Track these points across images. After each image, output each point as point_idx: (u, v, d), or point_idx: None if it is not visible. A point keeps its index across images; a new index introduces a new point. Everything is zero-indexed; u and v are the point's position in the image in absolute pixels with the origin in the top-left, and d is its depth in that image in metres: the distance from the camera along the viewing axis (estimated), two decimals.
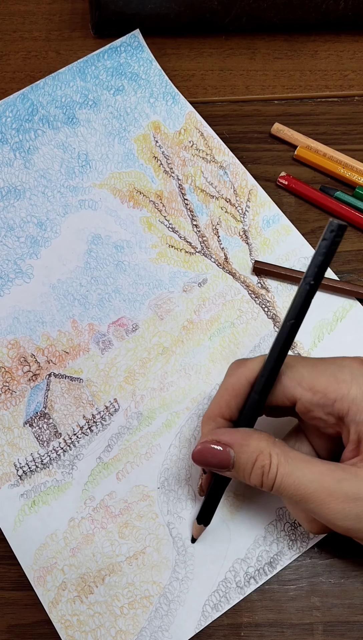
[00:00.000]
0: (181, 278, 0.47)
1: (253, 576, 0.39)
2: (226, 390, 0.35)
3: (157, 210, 0.48)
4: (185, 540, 0.40)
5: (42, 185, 0.49)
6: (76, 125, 0.50)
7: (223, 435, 0.34)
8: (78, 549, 0.40)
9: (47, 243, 0.47)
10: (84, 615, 0.39)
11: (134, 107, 0.51)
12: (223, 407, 0.35)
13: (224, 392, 0.36)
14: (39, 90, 0.51)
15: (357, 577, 0.40)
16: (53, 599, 0.39)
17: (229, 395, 0.35)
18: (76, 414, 0.43)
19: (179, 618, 0.38)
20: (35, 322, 0.45)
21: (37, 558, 0.40)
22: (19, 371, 0.44)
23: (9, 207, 0.48)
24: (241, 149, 0.50)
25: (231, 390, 0.35)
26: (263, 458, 0.33)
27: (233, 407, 0.35)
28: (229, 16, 0.52)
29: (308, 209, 0.49)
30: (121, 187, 0.49)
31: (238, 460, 0.34)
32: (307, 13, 0.53)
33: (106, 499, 0.41)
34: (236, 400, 0.35)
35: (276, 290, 0.46)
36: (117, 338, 0.45)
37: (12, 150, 0.49)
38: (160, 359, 0.44)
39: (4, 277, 0.46)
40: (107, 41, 0.53)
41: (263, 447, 0.33)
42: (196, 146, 0.50)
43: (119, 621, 0.38)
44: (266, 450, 0.33)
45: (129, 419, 0.43)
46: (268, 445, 0.33)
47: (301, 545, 0.40)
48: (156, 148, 0.50)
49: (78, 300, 0.46)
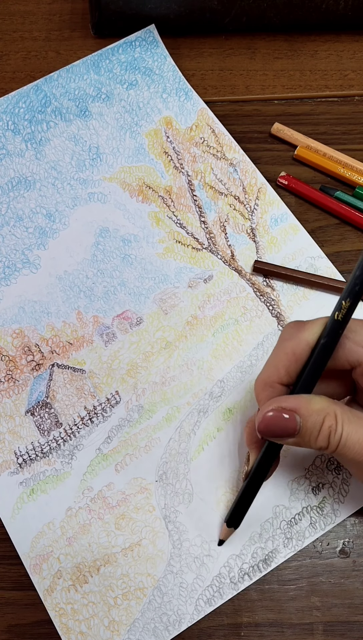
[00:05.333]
0: (186, 274, 0.47)
1: (247, 572, 0.39)
2: (285, 355, 0.34)
3: (165, 205, 0.49)
4: (181, 534, 0.40)
5: (53, 176, 0.49)
6: (88, 118, 0.51)
7: (287, 402, 0.33)
8: (74, 538, 0.40)
9: (55, 234, 0.48)
10: (78, 604, 0.39)
11: (146, 101, 0.51)
12: (282, 372, 0.35)
13: (283, 356, 0.35)
14: (52, 82, 0.51)
15: (357, 577, 0.40)
16: (48, 587, 0.39)
17: (288, 360, 0.34)
18: (78, 405, 0.43)
19: (172, 611, 0.39)
20: (40, 312, 0.45)
21: (33, 546, 0.40)
22: (22, 360, 0.44)
23: (18, 197, 0.48)
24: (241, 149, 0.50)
25: (291, 355, 0.34)
26: (330, 419, 0.33)
27: (292, 372, 0.35)
28: (229, 16, 0.52)
29: (308, 208, 0.49)
30: (131, 181, 0.49)
31: (305, 424, 0.33)
32: (307, 13, 0.52)
33: (104, 490, 0.41)
34: (296, 365, 0.34)
35: (282, 289, 0.46)
36: (121, 331, 0.45)
37: (24, 141, 0.50)
38: (163, 353, 0.45)
39: (11, 266, 0.47)
40: (107, 41, 0.53)
41: (328, 408, 0.33)
42: (207, 143, 0.50)
43: (113, 611, 0.39)
44: (331, 411, 0.33)
45: (130, 412, 0.43)
46: (331, 406, 0.33)
47: (297, 544, 0.40)
48: (167, 143, 0.50)
49: (84, 292, 0.46)
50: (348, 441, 0.33)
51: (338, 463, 0.42)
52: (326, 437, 0.33)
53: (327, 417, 0.33)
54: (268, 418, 0.33)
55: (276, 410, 0.33)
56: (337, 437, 0.33)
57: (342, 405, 0.34)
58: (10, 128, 0.50)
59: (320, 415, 0.33)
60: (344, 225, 0.48)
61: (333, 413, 0.33)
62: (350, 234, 0.48)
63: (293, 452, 0.42)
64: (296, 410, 0.33)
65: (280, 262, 0.47)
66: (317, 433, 0.33)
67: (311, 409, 0.33)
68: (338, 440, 0.33)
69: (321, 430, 0.33)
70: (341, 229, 0.48)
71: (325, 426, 0.33)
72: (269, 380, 0.35)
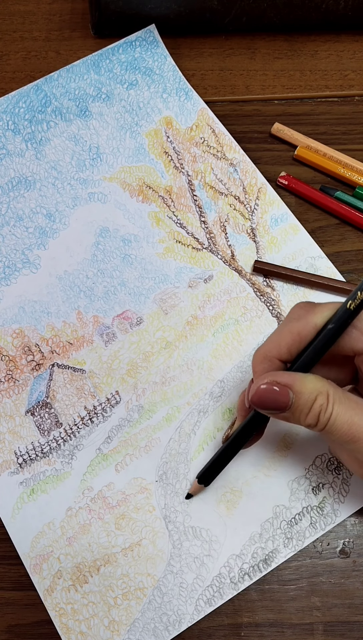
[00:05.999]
0: (187, 274, 0.47)
1: (247, 572, 0.39)
2: (290, 334, 0.35)
3: (166, 205, 0.49)
4: (181, 534, 0.40)
5: (53, 176, 0.49)
6: (88, 118, 0.51)
7: (282, 377, 0.34)
8: (74, 538, 0.40)
9: (55, 234, 0.48)
10: (78, 604, 0.39)
11: (147, 101, 0.51)
12: (283, 349, 0.35)
13: (288, 334, 0.35)
14: (53, 82, 0.51)
15: (357, 577, 0.40)
16: (48, 587, 0.39)
17: (292, 339, 0.35)
18: (78, 405, 0.43)
19: (172, 611, 0.39)
20: (40, 312, 0.45)
21: (33, 546, 0.40)
22: (22, 360, 0.44)
23: (18, 197, 0.48)
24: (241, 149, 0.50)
25: (296, 335, 0.35)
26: (322, 398, 0.33)
27: (293, 351, 0.35)
28: (229, 16, 0.52)
29: (308, 208, 0.49)
30: (131, 181, 0.49)
31: (297, 401, 0.34)
32: (307, 13, 0.52)
33: (104, 490, 0.41)
34: (299, 345, 0.35)
35: (282, 289, 0.46)
36: (121, 331, 0.45)
37: (24, 140, 0.50)
38: (163, 353, 0.45)
39: (12, 266, 0.47)
40: (107, 41, 0.53)
41: (322, 388, 0.34)
42: (207, 143, 0.50)
43: (113, 611, 0.39)
44: (324, 390, 0.34)
45: (130, 412, 0.43)
46: (325, 385, 0.34)
47: (297, 544, 0.40)
48: (167, 143, 0.50)
49: (84, 292, 0.46)
50: (337, 421, 0.33)
51: (338, 463, 0.42)
52: (316, 415, 0.34)
53: (319, 396, 0.33)
54: (262, 390, 0.34)
55: (270, 384, 0.34)
56: (326, 415, 0.33)
57: (335, 386, 0.34)
58: (10, 128, 0.50)
59: (313, 394, 0.33)
60: (344, 225, 0.48)
61: (326, 392, 0.34)
62: (350, 234, 0.48)
63: (293, 452, 0.42)
64: (290, 386, 0.34)
65: (280, 262, 0.47)
66: (308, 410, 0.34)
67: (304, 387, 0.34)
68: (327, 419, 0.33)
69: (312, 408, 0.33)
70: (341, 229, 0.48)
71: (316, 404, 0.33)
72: (268, 355, 0.36)
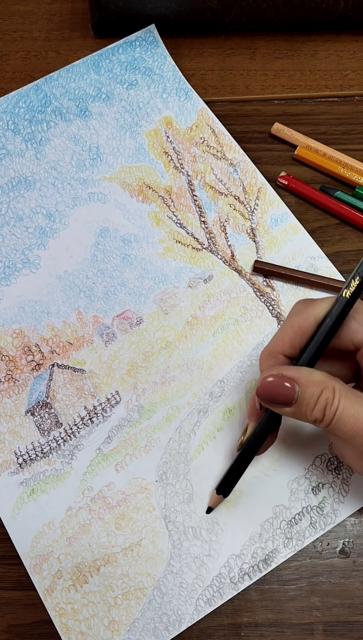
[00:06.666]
0: (187, 274, 0.47)
1: (247, 572, 0.39)
2: (291, 328, 0.36)
3: (166, 205, 0.49)
4: (181, 534, 0.40)
5: (53, 176, 0.49)
6: (88, 118, 0.51)
7: (288, 370, 0.34)
8: (75, 538, 0.40)
9: (55, 234, 0.48)
10: (78, 604, 0.39)
11: (146, 101, 0.51)
12: (286, 345, 0.36)
13: (289, 329, 0.36)
14: (52, 82, 0.51)
15: (357, 577, 0.40)
16: (48, 587, 0.39)
17: (294, 333, 0.36)
18: (78, 405, 0.43)
19: (172, 611, 0.39)
20: (40, 312, 0.45)
21: (34, 546, 0.40)
22: (22, 360, 0.44)
23: (18, 197, 0.48)
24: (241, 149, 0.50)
25: (297, 329, 0.36)
26: (328, 392, 0.34)
27: (296, 345, 0.36)
28: (229, 16, 0.52)
29: (308, 208, 0.49)
30: (131, 181, 0.49)
31: (303, 394, 0.34)
32: (307, 13, 0.52)
33: (104, 490, 0.41)
34: (301, 339, 0.36)
35: (282, 289, 0.46)
36: (121, 331, 0.45)
37: (24, 141, 0.50)
38: (163, 353, 0.45)
39: (12, 266, 0.47)
40: (107, 41, 0.53)
41: (328, 382, 0.34)
42: (207, 143, 0.50)
43: (113, 611, 0.39)
44: (330, 384, 0.34)
45: (130, 412, 0.43)
46: (331, 380, 0.34)
47: (297, 544, 0.40)
48: (167, 143, 0.50)
49: (84, 292, 0.46)
50: (343, 415, 0.34)
51: (338, 463, 0.42)
52: (322, 409, 0.34)
53: (325, 390, 0.34)
54: (268, 383, 0.34)
55: (276, 377, 0.34)
56: (332, 409, 0.34)
57: (341, 381, 0.35)
58: (10, 128, 0.50)
59: (319, 387, 0.34)
60: (344, 225, 0.48)
61: (332, 387, 0.34)
62: (350, 234, 0.48)
63: (293, 452, 0.42)
64: (296, 379, 0.34)
65: (280, 262, 0.47)
66: (314, 404, 0.34)
67: (310, 380, 0.34)
68: (333, 413, 0.34)
69: (318, 401, 0.34)
70: (341, 229, 0.48)
71: (322, 398, 0.34)
72: (273, 351, 0.36)
